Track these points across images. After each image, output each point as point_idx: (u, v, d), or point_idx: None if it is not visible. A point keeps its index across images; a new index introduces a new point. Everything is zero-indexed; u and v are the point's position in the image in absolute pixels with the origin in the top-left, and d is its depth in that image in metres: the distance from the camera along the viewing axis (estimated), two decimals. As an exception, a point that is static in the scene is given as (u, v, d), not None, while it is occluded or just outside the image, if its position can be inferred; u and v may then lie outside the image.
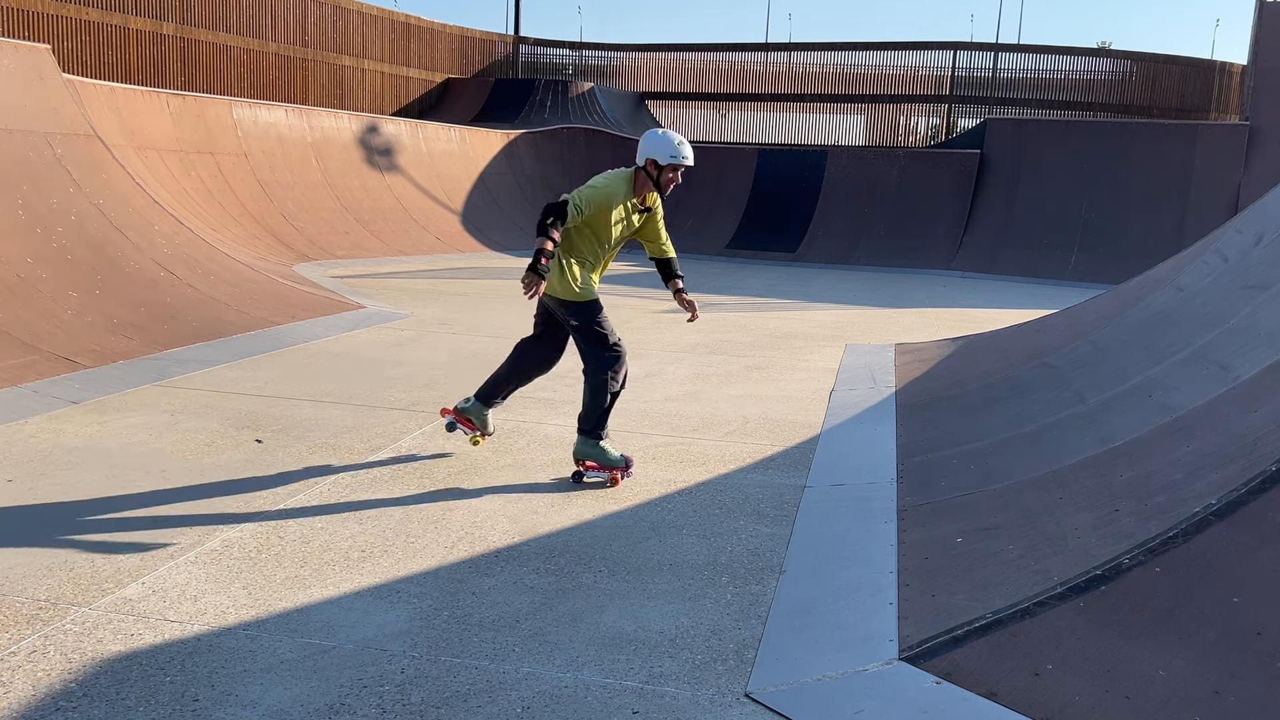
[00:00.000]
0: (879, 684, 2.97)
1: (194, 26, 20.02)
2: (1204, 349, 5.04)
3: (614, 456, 4.93)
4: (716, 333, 10.04)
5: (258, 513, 4.31)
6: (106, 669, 2.97)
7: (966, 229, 20.02)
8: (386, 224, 16.70)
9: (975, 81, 27.47)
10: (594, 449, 4.92)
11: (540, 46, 30.19)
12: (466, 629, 3.34)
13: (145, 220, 9.10)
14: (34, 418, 5.52)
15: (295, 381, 6.80)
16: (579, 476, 4.94)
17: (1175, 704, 2.67)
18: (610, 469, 4.92)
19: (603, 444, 4.92)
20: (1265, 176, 17.01)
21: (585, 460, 4.93)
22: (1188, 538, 3.19)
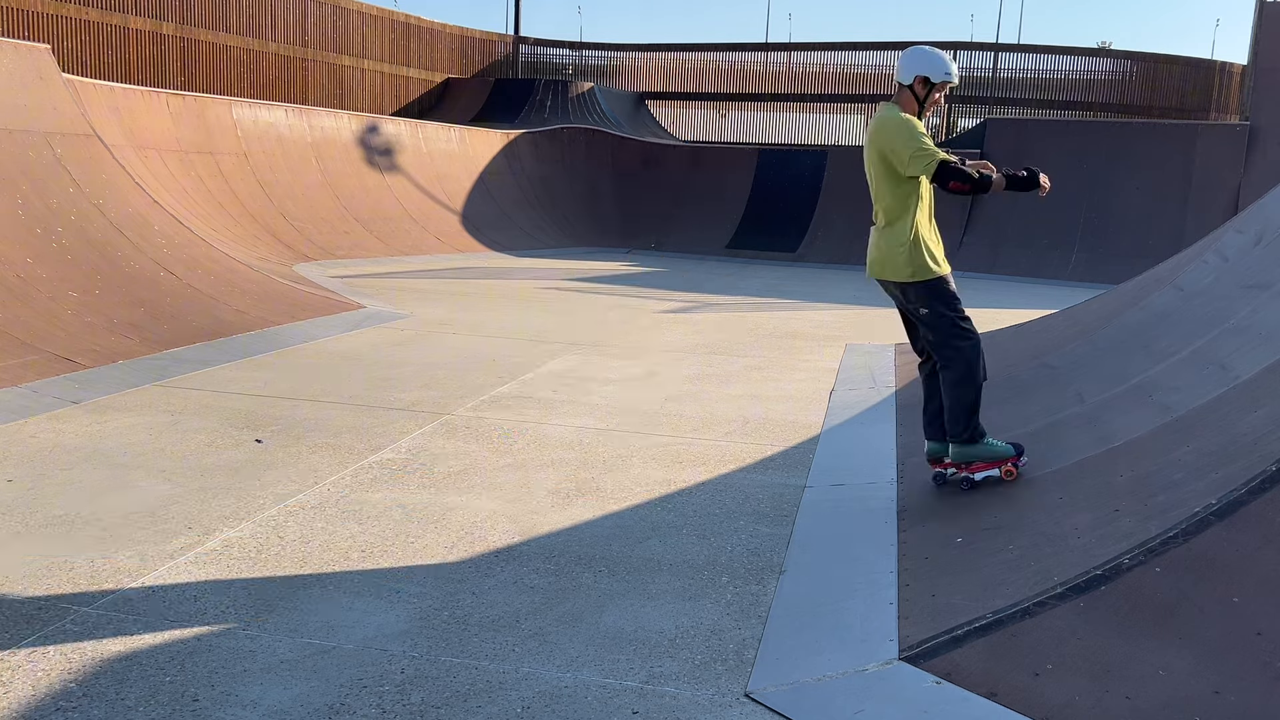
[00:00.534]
0: (879, 684, 2.97)
1: (194, 26, 20.02)
2: (1204, 349, 5.04)
3: (1001, 447, 4.44)
4: (716, 333, 10.04)
5: (258, 513, 4.31)
6: (106, 669, 2.97)
7: (966, 229, 20.02)
8: (386, 224, 16.70)
9: (975, 81, 27.45)
10: (975, 449, 4.44)
11: (540, 46, 30.18)
12: (466, 629, 3.34)
13: (145, 220, 9.10)
14: (34, 418, 5.52)
15: (295, 381, 6.80)
16: (969, 482, 4.47)
17: (1175, 704, 2.67)
18: (998, 462, 4.45)
19: (989, 440, 4.44)
20: (1265, 176, 17.00)
21: (971, 463, 4.47)
22: (1188, 538, 3.19)
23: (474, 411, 6.24)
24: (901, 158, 4.27)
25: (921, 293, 4.39)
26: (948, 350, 4.41)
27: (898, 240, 4.39)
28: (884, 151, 4.32)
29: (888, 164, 4.34)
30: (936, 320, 4.40)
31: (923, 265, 4.37)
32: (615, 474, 5.12)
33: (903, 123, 4.32)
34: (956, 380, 4.39)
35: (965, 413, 4.40)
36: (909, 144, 4.25)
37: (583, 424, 6.05)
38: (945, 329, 4.39)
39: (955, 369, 4.40)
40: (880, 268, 4.49)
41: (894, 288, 4.50)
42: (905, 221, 4.39)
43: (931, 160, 4.21)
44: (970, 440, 4.44)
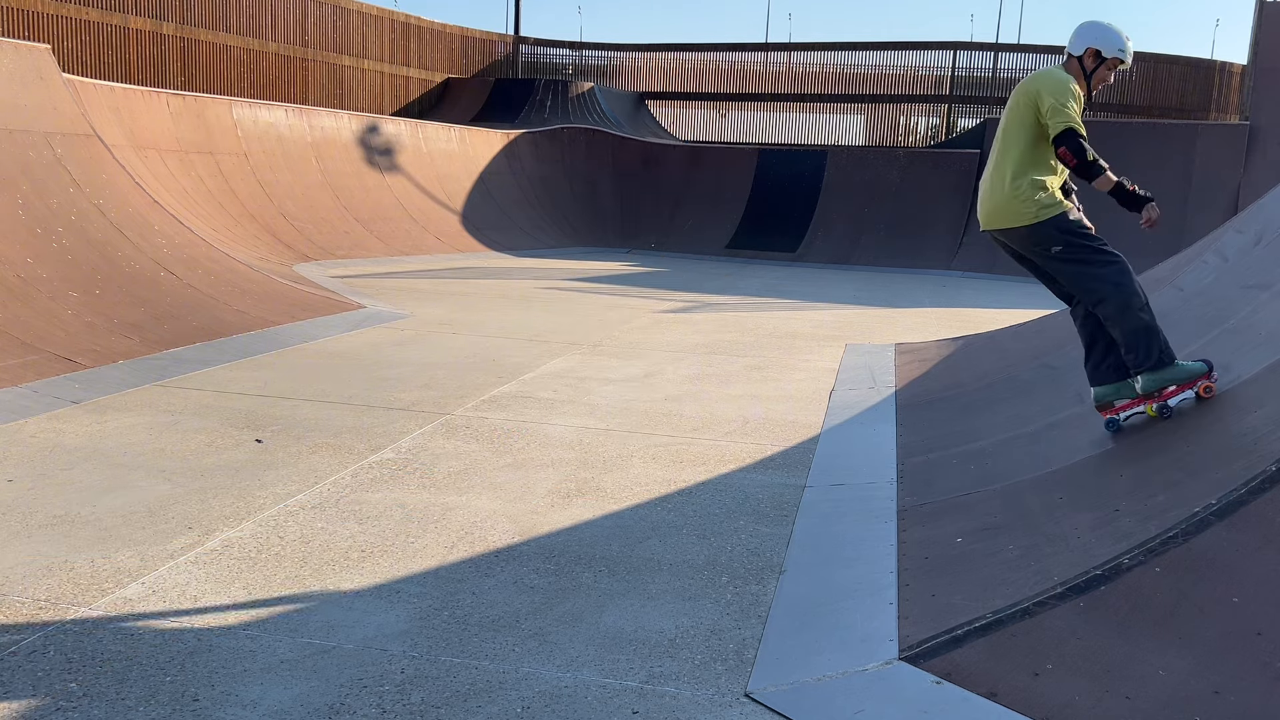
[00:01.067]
0: (879, 684, 2.97)
1: (194, 26, 20.01)
2: (1204, 349, 5.04)
3: (1192, 366, 4.27)
4: (716, 333, 10.04)
5: (258, 513, 4.31)
6: (106, 669, 2.97)
7: (966, 229, 20.01)
8: (386, 224, 16.70)
9: (975, 81, 27.45)
10: (1170, 372, 4.25)
11: (540, 46, 30.17)
12: (466, 629, 3.34)
13: (145, 220, 9.10)
14: (34, 418, 5.53)
15: (295, 381, 6.80)
16: (1166, 410, 4.29)
17: (1175, 704, 2.67)
18: (1192, 381, 4.27)
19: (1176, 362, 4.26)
20: (1265, 176, 17.01)
21: (1163, 390, 4.29)
22: (1188, 538, 3.19)
23: (474, 411, 6.24)
24: (1045, 104, 4.23)
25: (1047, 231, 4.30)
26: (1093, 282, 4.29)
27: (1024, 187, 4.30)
28: (1035, 96, 4.29)
29: (1033, 112, 4.30)
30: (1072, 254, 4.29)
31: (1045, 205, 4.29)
32: (615, 474, 5.12)
33: (1065, 80, 4.30)
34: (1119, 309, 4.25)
35: (1145, 337, 4.23)
36: (1059, 98, 4.22)
37: (583, 424, 6.05)
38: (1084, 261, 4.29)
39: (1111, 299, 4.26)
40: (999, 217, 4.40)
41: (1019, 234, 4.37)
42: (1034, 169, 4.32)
43: (1066, 121, 4.18)
44: (1159, 364, 4.25)
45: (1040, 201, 4.29)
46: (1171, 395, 4.29)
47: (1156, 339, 4.24)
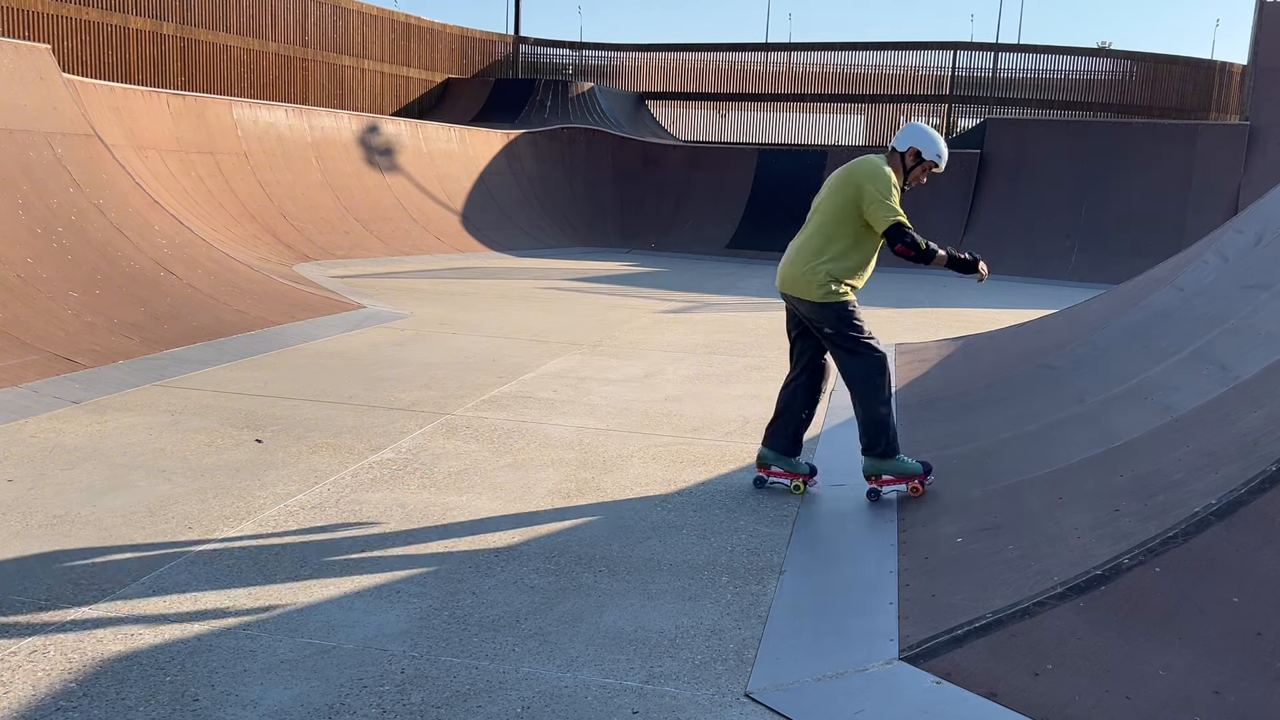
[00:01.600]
0: (879, 684, 2.97)
1: (194, 26, 20.02)
2: (1204, 349, 5.03)
3: (909, 465, 4.63)
4: (716, 333, 10.04)
5: (258, 513, 4.31)
6: (106, 669, 2.97)
7: (966, 229, 20.02)
8: (386, 224, 16.70)
9: (975, 81, 27.46)
10: (888, 464, 4.63)
11: (540, 46, 30.18)
12: (466, 629, 3.34)
13: (145, 220, 9.10)
14: (34, 418, 5.52)
15: (295, 381, 6.80)
16: (875, 494, 4.68)
17: (1175, 704, 2.67)
18: (907, 478, 4.64)
19: (899, 456, 4.64)
20: (1265, 176, 17.01)
21: (880, 476, 4.67)
22: (1188, 538, 3.19)
23: (474, 411, 6.24)
24: (867, 197, 4.51)
25: (826, 314, 4.61)
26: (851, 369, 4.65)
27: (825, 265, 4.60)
28: (858, 190, 4.55)
29: (855, 204, 4.56)
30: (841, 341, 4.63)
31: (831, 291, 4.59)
32: (615, 474, 5.12)
33: (887, 174, 4.58)
34: (864, 398, 4.63)
35: (877, 428, 4.61)
36: (882, 192, 4.50)
37: (583, 424, 6.05)
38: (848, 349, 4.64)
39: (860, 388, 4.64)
40: (790, 284, 4.71)
41: (803, 305, 4.69)
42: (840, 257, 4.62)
43: (891, 216, 4.48)
44: (883, 455, 4.63)
45: (828, 286, 4.57)
46: (886, 484, 4.68)
47: (886, 432, 4.60)
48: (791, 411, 4.87)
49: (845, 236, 4.60)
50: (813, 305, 4.61)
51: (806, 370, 4.86)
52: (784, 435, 4.87)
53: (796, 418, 4.87)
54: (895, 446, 4.62)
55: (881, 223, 4.50)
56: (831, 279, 4.57)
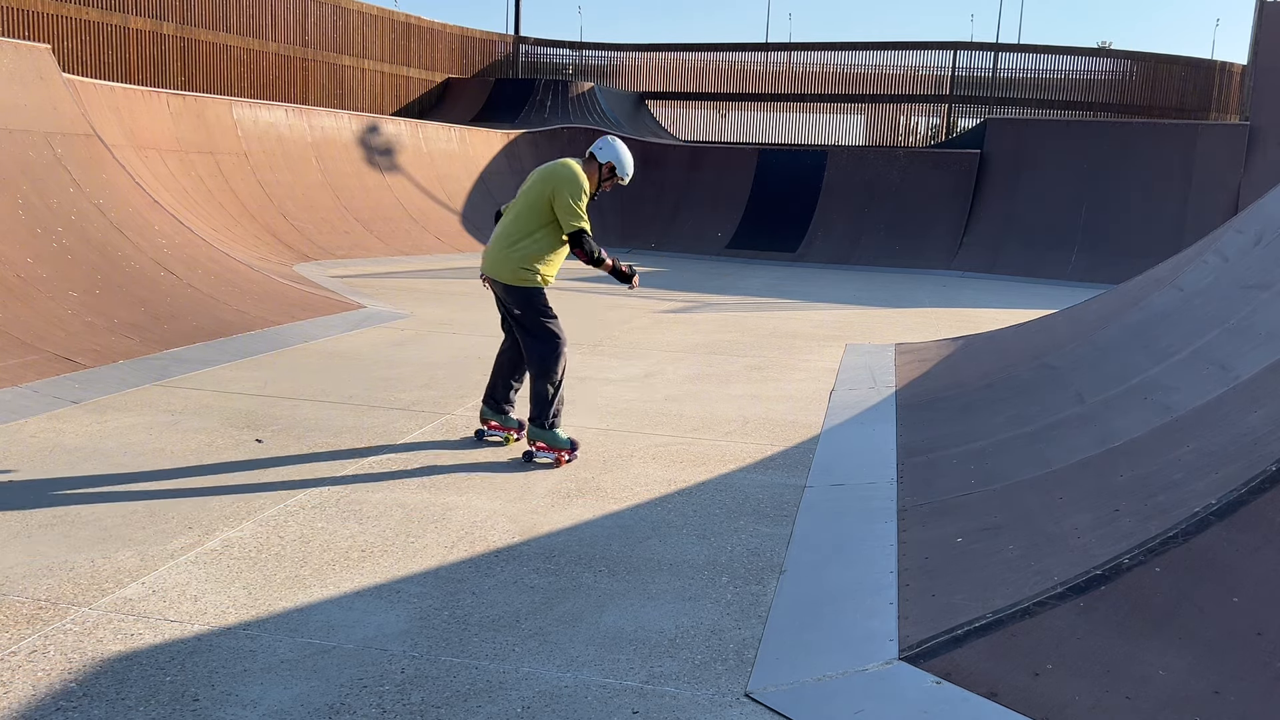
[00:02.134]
0: (879, 684, 2.97)
1: (194, 26, 20.01)
2: (1204, 349, 5.03)
3: (561, 439, 5.26)
4: (716, 333, 10.04)
5: (258, 513, 4.31)
6: (106, 669, 2.97)
7: (966, 229, 20.01)
8: (386, 224, 16.70)
9: (975, 81, 27.44)
10: (543, 434, 5.25)
11: (540, 46, 30.17)
12: (466, 629, 3.34)
13: (145, 220, 9.10)
14: (34, 418, 5.53)
15: (295, 381, 6.80)
16: (529, 456, 5.25)
17: (1175, 704, 2.67)
18: (556, 449, 5.24)
19: (555, 430, 5.27)
20: (1265, 176, 17.01)
21: (537, 442, 5.26)
22: (1188, 537, 3.19)
23: (474, 411, 6.23)
24: (560, 201, 5.09)
25: (516, 296, 5.20)
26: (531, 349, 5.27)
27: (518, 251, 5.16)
28: (553, 192, 5.12)
29: (549, 201, 5.13)
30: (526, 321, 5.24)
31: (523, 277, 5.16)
32: (615, 474, 5.12)
33: (581, 181, 5.16)
34: (536, 376, 5.25)
35: (542, 403, 5.23)
36: (574, 198, 5.10)
37: (583, 424, 6.05)
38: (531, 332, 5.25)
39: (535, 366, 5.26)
40: (491, 267, 5.27)
41: (498, 286, 5.26)
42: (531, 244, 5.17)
43: (576, 222, 5.10)
44: (540, 426, 5.26)
45: (521, 271, 5.16)
46: (539, 449, 5.27)
47: (548, 407, 5.24)
48: (501, 376, 5.55)
49: (538, 228, 5.16)
50: (506, 287, 5.19)
51: (516, 345, 5.46)
52: (497, 396, 5.53)
53: (506, 382, 5.55)
54: (555, 422, 5.26)
55: (567, 226, 5.11)
56: (523, 265, 5.15)
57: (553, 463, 5.20)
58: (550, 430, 5.24)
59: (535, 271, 5.16)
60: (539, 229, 5.14)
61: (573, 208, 5.06)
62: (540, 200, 5.13)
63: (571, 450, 5.27)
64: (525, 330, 5.23)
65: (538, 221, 5.14)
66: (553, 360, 5.20)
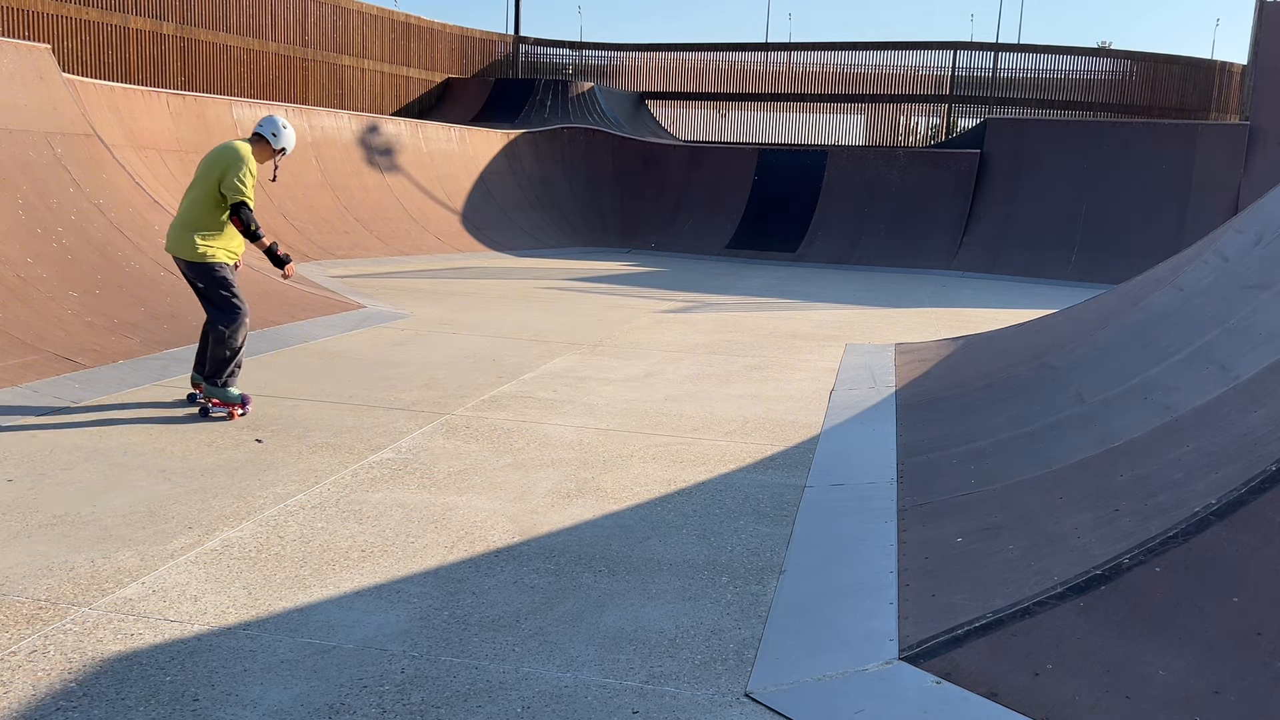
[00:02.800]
0: (879, 684, 2.97)
1: (194, 26, 20.01)
2: (1204, 349, 5.03)
3: (234, 395, 5.82)
4: (716, 333, 10.04)
5: (258, 513, 4.31)
6: (106, 669, 2.97)
7: (966, 229, 20.02)
8: (386, 224, 16.70)
9: (975, 81, 27.44)
10: (218, 391, 5.80)
11: (540, 46, 30.17)
12: (466, 629, 3.34)
13: (145, 220, 9.10)
14: (34, 418, 5.53)
15: (295, 381, 6.80)
16: (205, 410, 5.80)
17: (1175, 704, 2.67)
18: (229, 404, 5.80)
19: (228, 388, 5.81)
20: (1265, 176, 17.00)
21: (213, 399, 5.82)
22: (1188, 537, 3.19)
23: (474, 411, 6.24)
24: (226, 179, 5.61)
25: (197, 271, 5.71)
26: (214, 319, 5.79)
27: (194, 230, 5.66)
28: (221, 171, 5.62)
29: (219, 183, 5.62)
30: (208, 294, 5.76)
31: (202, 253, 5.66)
32: (615, 474, 5.12)
33: (245, 159, 5.67)
34: (216, 342, 5.77)
35: (220, 364, 5.77)
36: (239, 175, 5.61)
37: (583, 424, 6.06)
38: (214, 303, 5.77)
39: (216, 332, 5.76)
40: (172, 245, 5.74)
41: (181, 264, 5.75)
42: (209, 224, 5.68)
43: (238, 195, 5.62)
44: (214, 384, 5.83)
45: (201, 249, 5.66)
46: (215, 405, 5.84)
47: (224, 369, 5.78)
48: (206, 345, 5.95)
49: (213, 208, 5.66)
50: (188, 264, 5.68)
51: None
52: (203, 364, 5.92)
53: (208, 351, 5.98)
54: (229, 381, 5.81)
55: (230, 200, 5.62)
56: (203, 243, 5.65)
57: (226, 416, 5.75)
58: (223, 388, 5.79)
59: (214, 248, 5.67)
60: (213, 209, 5.66)
61: (236, 184, 5.58)
62: (210, 182, 5.62)
63: (243, 405, 5.82)
64: (209, 301, 5.75)
65: (213, 202, 5.64)
66: (233, 330, 5.75)
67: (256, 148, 5.81)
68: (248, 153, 5.70)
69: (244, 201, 5.61)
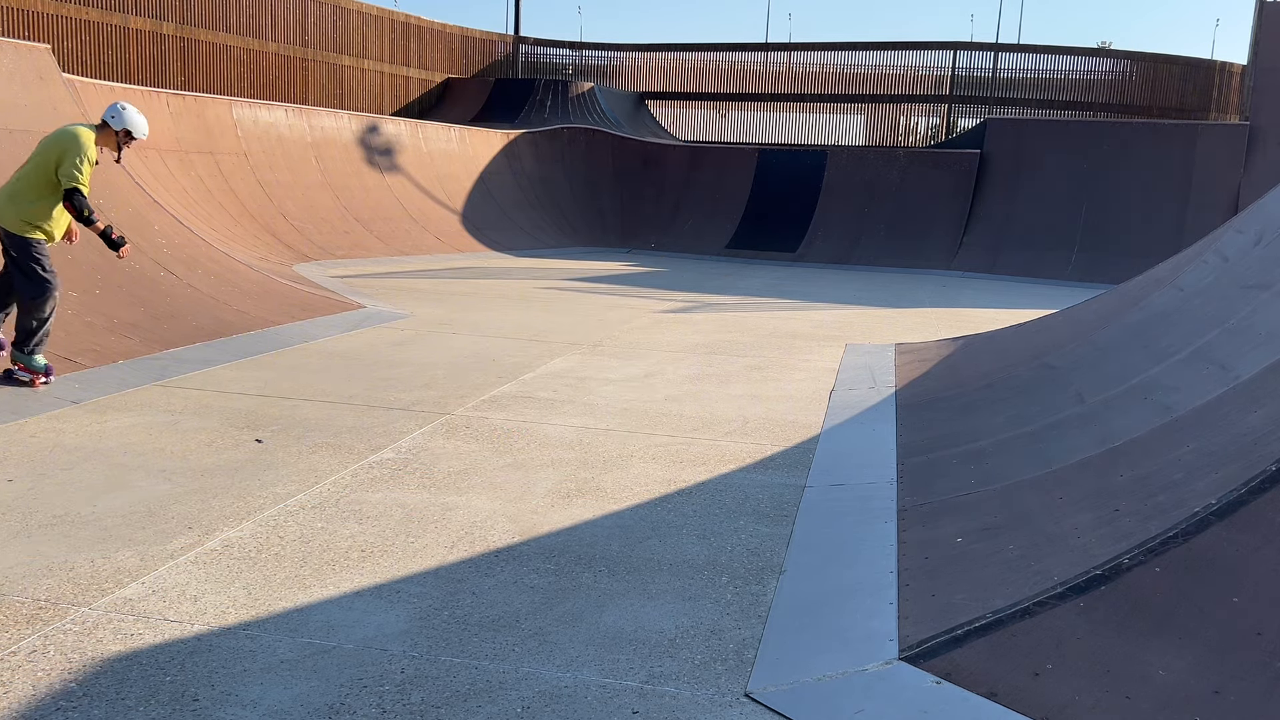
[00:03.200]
0: (879, 684, 2.97)
1: (194, 26, 20.01)
2: (1204, 349, 5.04)
3: (39, 364, 5.99)
4: (716, 333, 10.04)
5: (258, 513, 4.31)
6: (106, 669, 2.97)
7: (966, 229, 20.02)
8: (386, 224, 16.70)
9: (975, 81, 27.44)
10: (24, 358, 5.95)
11: (540, 46, 30.17)
12: (466, 629, 3.34)
13: (145, 220, 9.10)
14: (34, 418, 5.52)
15: (295, 381, 6.80)
16: (9, 374, 5.95)
17: (1175, 704, 2.67)
18: (33, 373, 5.96)
19: (33, 356, 5.97)
20: (1265, 176, 17.00)
21: (18, 364, 5.96)
22: (1188, 537, 3.19)
23: (474, 411, 6.24)
24: (64, 164, 5.79)
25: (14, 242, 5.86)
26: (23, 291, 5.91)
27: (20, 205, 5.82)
28: (59, 154, 5.80)
29: (54, 165, 5.80)
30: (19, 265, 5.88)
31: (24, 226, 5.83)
32: (615, 474, 5.12)
33: (85, 146, 5.85)
34: (23, 313, 5.91)
35: (26, 334, 5.93)
36: (76, 161, 5.81)
37: (583, 424, 6.06)
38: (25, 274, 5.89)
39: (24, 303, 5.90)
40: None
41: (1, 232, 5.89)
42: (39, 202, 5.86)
43: (73, 181, 5.81)
44: (21, 351, 5.97)
45: (24, 224, 5.83)
46: (20, 370, 5.98)
47: (31, 338, 5.94)
48: None
49: (43, 187, 5.83)
50: (7, 233, 5.85)
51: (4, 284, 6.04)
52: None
53: None
54: (35, 350, 5.97)
55: (65, 185, 5.79)
56: (27, 219, 5.82)
57: (29, 382, 5.94)
58: (29, 355, 5.96)
59: (38, 227, 5.87)
60: (44, 189, 5.83)
61: (72, 171, 5.77)
62: (47, 163, 5.79)
63: (46, 374, 6.01)
64: (20, 271, 5.88)
65: (45, 182, 5.82)
66: (41, 301, 5.90)
67: (100, 134, 5.99)
68: (88, 139, 5.87)
69: (77, 188, 5.80)
